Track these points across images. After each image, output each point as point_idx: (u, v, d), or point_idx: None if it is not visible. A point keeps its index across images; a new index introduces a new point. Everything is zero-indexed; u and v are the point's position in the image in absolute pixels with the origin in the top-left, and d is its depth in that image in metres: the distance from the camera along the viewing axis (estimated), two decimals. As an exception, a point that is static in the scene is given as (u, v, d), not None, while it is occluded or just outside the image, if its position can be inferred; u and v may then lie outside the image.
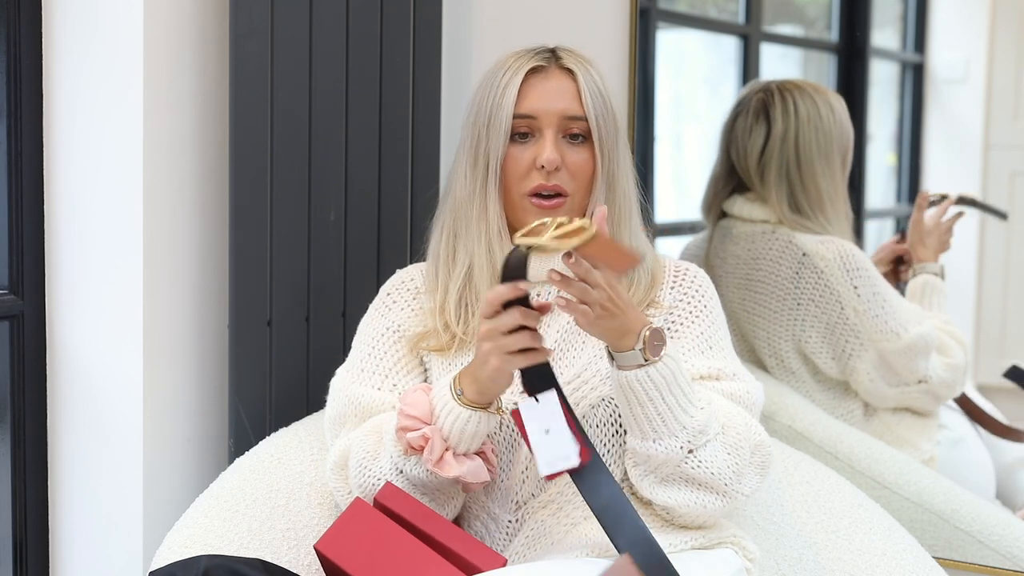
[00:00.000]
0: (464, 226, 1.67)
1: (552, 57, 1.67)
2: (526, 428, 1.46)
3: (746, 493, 1.57)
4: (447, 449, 1.52)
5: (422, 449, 1.52)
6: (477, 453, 1.55)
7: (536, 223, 1.42)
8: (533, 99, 1.64)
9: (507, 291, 1.43)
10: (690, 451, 1.51)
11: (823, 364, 2.24)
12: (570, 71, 1.66)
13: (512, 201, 1.66)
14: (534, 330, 1.45)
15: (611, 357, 1.50)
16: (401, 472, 1.55)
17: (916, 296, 2.24)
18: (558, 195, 1.65)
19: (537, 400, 1.46)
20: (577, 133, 1.65)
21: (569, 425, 1.46)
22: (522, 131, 1.65)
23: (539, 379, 1.48)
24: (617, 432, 1.60)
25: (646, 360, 1.47)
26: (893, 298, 2.20)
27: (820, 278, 2.22)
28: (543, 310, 1.45)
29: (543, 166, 1.63)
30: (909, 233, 2.26)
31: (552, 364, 1.50)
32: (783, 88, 2.29)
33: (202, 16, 1.94)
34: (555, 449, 1.45)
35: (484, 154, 1.65)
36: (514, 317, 1.43)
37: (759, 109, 2.29)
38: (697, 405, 1.51)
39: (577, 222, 1.37)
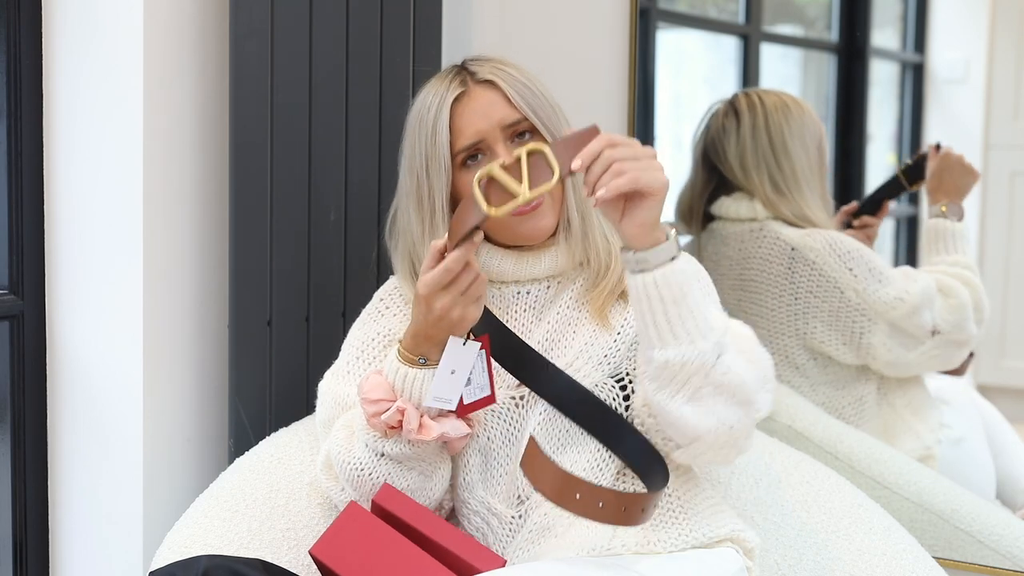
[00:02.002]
0: (422, 263, 1.67)
1: (466, 76, 1.67)
2: (442, 360, 1.53)
3: (761, 409, 1.54)
4: (422, 415, 1.54)
5: (400, 425, 1.53)
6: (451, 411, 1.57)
7: (482, 175, 1.44)
8: (470, 125, 1.64)
9: (464, 255, 1.46)
10: (719, 355, 1.47)
11: (836, 352, 2.24)
12: (488, 82, 1.66)
13: (493, 223, 1.62)
14: (478, 274, 1.51)
15: (634, 264, 1.45)
16: (383, 455, 1.56)
17: (927, 242, 2.23)
18: None
19: (464, 343, 1.53)
20: (523, 131, 1.65)
21: (470, 379, 1.54)
22: (472, 155, 1.65)
23: (483, 323, 1.57)
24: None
25: (678, 252, 1.45)
26: (886, 268, 2.21)
27: (813, 269, 2.23)
28: (474, 244, 1.48)
29: None
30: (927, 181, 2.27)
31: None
32: (746, 91, 2.35)
33: (202, 16, 1.94)
34: (446, 390, 1.53)
35: (428, 196, 1.66)
36: (470, 274, 1.49)
37: (727, 110, 2.35)
38: (712, 309, 1.52)
39: (524, 149, 1.43)
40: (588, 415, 1.59)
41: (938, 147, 2.23)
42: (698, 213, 2.39)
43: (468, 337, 1.54)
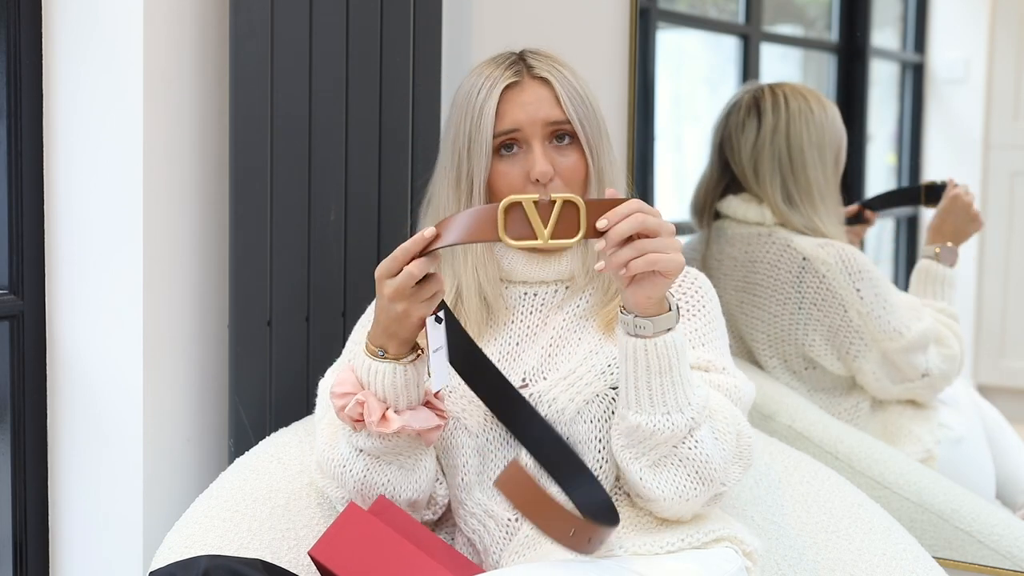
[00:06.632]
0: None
1: (523, 67, 1.66)
2: (428, 343, 1.51)
3: (727, 483, 1.56)
4: (387, 408, 1.53)
5: (362, 417, 1.53)
6: (425, 404, 1.56)
7: (511, 201, 1.40)
8: (513, 114, 1.63)
9: (413, 247, 1.44)
10: (691, 429, 1.50)
11: (829, 364, 2.25)
12: (543, 79, 1.65)
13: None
14: (440, 285, 1.48)
15: (632, 328, 1.46)
16: (361, 451, 1.57)
17: (917, 283, 2.24)
18: None
19: (437, 320, 1.51)
20: (563, 134, 1.65)
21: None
22: (507, 144, 1.64)
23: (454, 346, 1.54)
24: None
25: (675, 324, 1.46)
26: (893, 297, 2.21)
27: (822, 282, 2.22)
28: (435, 256, 1.46)
29: (537, 179, 1.62)
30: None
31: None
32: (774, 87, 2.32)
33: (202, 16, 1.94)
34: (441, 368, 1.51)
35: (467, 176, 1.65)
36: (420, 268, 1.45)
37: (750, 105, 2.31)
38: (696, 382, 1.52)
39: (561, 197, 1.39)
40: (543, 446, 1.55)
41: (955, 185, 2.22)
42: (709, 208, 2.38)
43: (439, 312, 1.52)
